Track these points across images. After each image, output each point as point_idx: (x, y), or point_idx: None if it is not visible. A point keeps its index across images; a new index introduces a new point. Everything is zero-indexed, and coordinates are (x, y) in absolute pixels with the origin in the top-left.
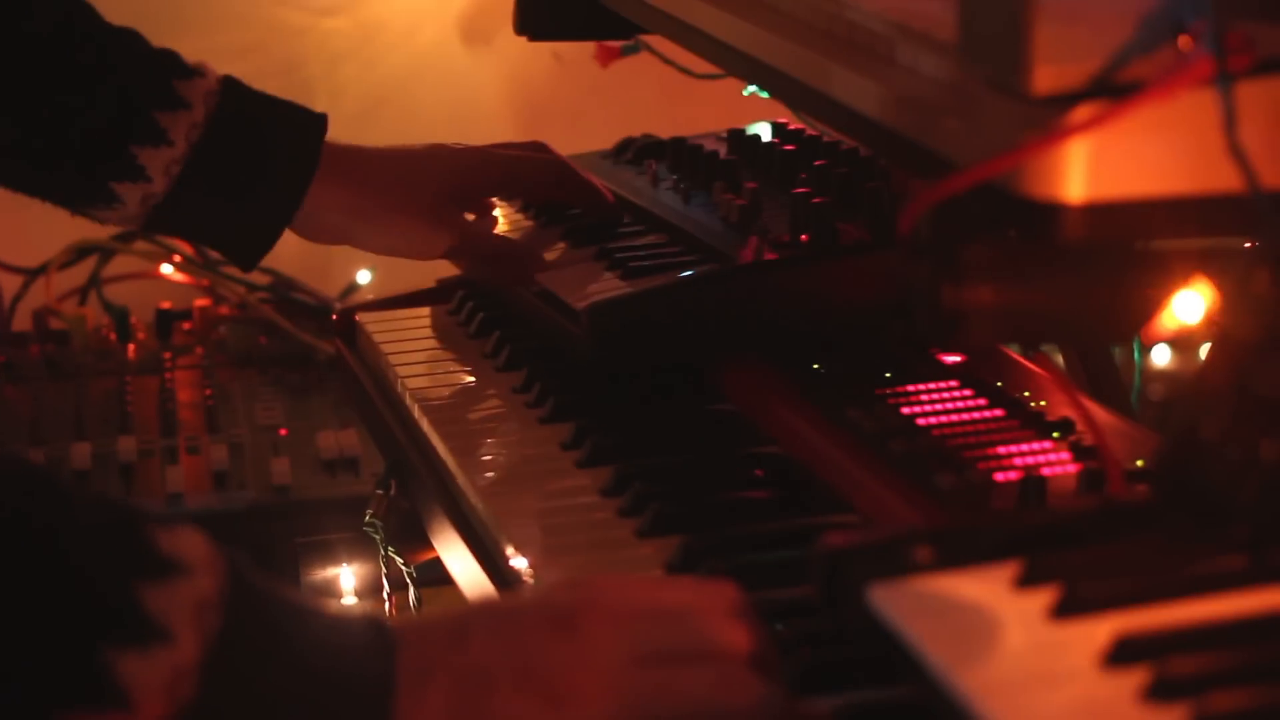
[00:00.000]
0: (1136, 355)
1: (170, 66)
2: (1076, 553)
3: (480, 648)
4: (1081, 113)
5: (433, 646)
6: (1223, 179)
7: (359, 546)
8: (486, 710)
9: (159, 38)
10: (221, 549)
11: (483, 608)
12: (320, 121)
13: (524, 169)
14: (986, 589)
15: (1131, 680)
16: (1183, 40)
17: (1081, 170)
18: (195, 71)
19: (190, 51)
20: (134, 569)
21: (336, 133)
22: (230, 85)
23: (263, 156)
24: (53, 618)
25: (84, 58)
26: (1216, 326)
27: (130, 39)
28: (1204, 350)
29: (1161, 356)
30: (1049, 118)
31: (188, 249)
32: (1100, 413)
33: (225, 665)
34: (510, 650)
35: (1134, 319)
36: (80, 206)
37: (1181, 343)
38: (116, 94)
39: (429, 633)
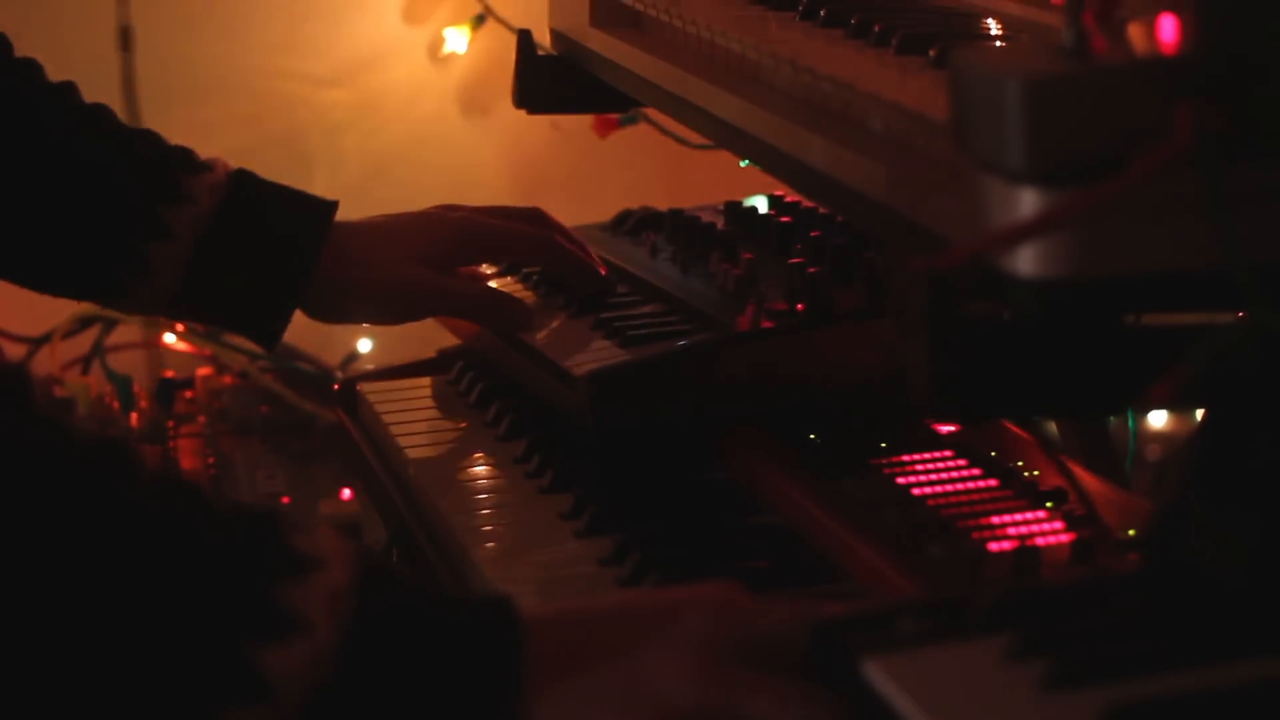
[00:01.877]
0: (1130, 421)
1: (180, 163)
2: (1068, 624)
3: (599, 627)
4: (1070, 192)
5: (559, 627)
6: (1209, 255)
7: None
8: (595, 683)
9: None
10: (353, 541)
11: (611, 597)
12: (328, 207)
13: (509, 241)
14: (980, 661)
15: None
16: (1170, 120)
17: (1071, 248)
18: (205, 167)
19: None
20: (273, 569)
21: (341, 199)
22: (239, 177)
23: (268, 245)
24: (202, 621)
25: (96, 160)
26: (1205, 401)
27: (145, 139)
28: (1200, 412)
29: (1159, 418)
30: (1038, 197)
31: (194, 324)
32: (1093, 482)
33: (359, 645)
34: (624, 629)
35: (1126, 393)
36: (99, 301)
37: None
38: (124, 193)
39: (555, 612)
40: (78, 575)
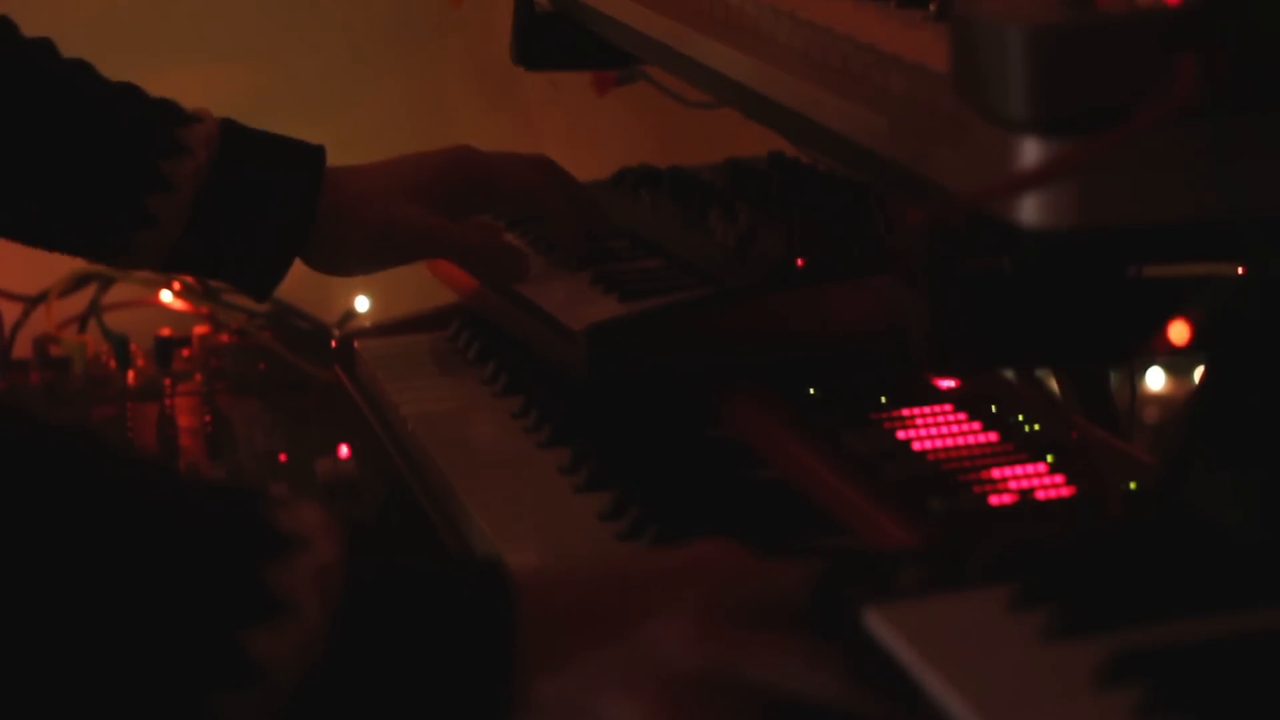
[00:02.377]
0: (1131, 378)
1: (170, 116)
2: (1071, 574)
3: (595, 594)
4: (1072, 142)
5: (552, 593)
6: (1212, 205)
7: None
8: (595, 654)
9: None
10: (339, 516)
11: (605, 562)
12: (319, 153)
13: (498, 172)
14: (982, 611)
15: (1127, 699)
16: (1173, 70)
17: (1073, 198)
18: (195, 118)
19: None
20: (257, 550)
21: (337, 162)
22: (229, 128)
23: (268, 193)
24: (188, 608)
25: (90, 116)
26: (1208, 351)
27: (130, 93)
28: (1198, 373)
29: (1156, 380)
30: (1041, 147)
31: (188, 276)
32: (1094, 435)
33: (349, 623)
34: (621, 597)
35: (1126, 344)
36: (99, 257)
37: (1176, 365)
38: (122, 148)
39: (548, 578)
40: (56, 568)
